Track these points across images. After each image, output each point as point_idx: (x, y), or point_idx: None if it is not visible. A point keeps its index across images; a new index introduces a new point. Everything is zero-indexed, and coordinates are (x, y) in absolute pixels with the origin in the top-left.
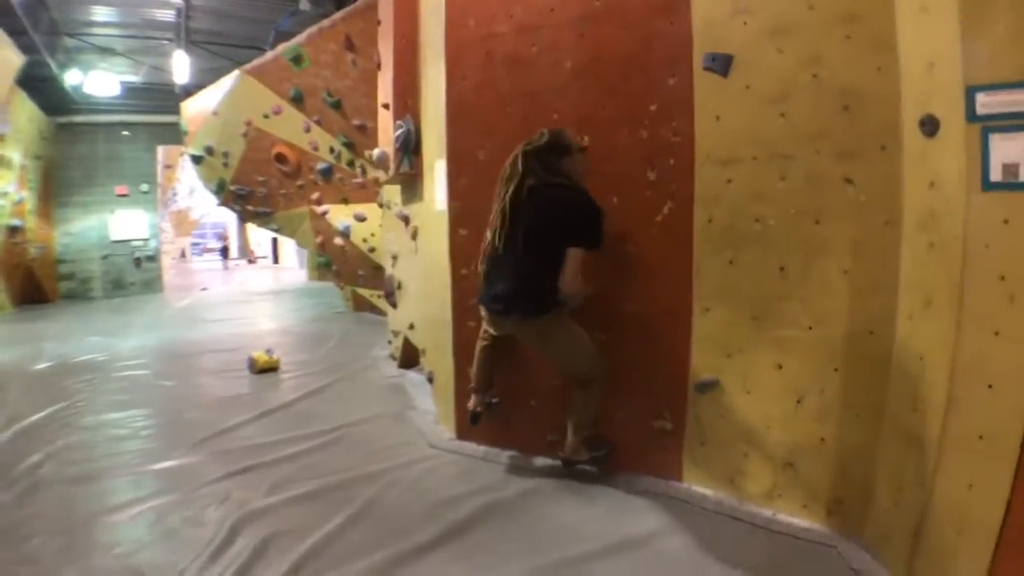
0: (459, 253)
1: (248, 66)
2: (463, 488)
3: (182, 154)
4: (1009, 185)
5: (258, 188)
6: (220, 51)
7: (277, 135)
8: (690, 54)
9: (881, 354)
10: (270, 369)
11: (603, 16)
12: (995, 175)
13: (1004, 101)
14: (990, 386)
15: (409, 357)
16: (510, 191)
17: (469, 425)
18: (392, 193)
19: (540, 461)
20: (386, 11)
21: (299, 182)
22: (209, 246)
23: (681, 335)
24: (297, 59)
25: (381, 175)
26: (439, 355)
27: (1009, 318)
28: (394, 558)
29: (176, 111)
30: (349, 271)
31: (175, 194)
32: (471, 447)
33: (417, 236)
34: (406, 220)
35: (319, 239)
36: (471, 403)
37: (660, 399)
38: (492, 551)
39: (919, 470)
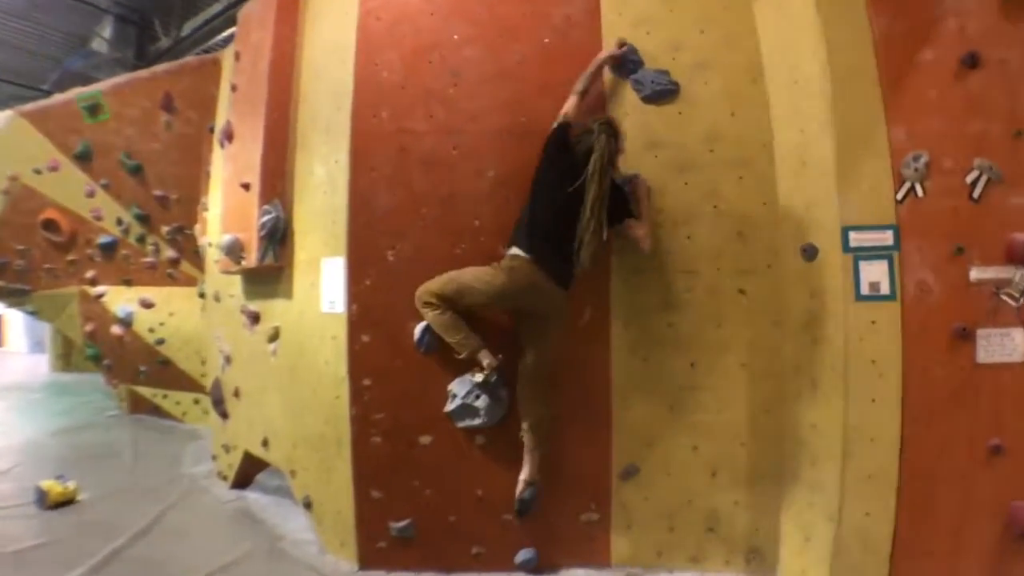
0: (360, 362)
1: (26, 107)
2: None
3: None
4: (874, 297)
5: (14, 259)
6: None
7: (50, 196)
8: None
9: (775, 427)
10: (66, 502)
11: (525, 133)
12: (864, 290)
13: (868, 238)
14: (872, 439)
15: (246, 475)
16: (600, 164)
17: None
18: (224, 284)
19: None
20: (249, 76)
21: (71, 256)
22: None
23: (603, 429)
24: (94, 108)
25: (228, 263)
26: (324, 476)
27: (881, 389)
28: None
29: None
30: (127, 366)
31: None
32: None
33: (278, 339)
34: (255, 318)
35: (89, 326)
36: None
37: (586, 493)
38: None
39: (826, 509)
